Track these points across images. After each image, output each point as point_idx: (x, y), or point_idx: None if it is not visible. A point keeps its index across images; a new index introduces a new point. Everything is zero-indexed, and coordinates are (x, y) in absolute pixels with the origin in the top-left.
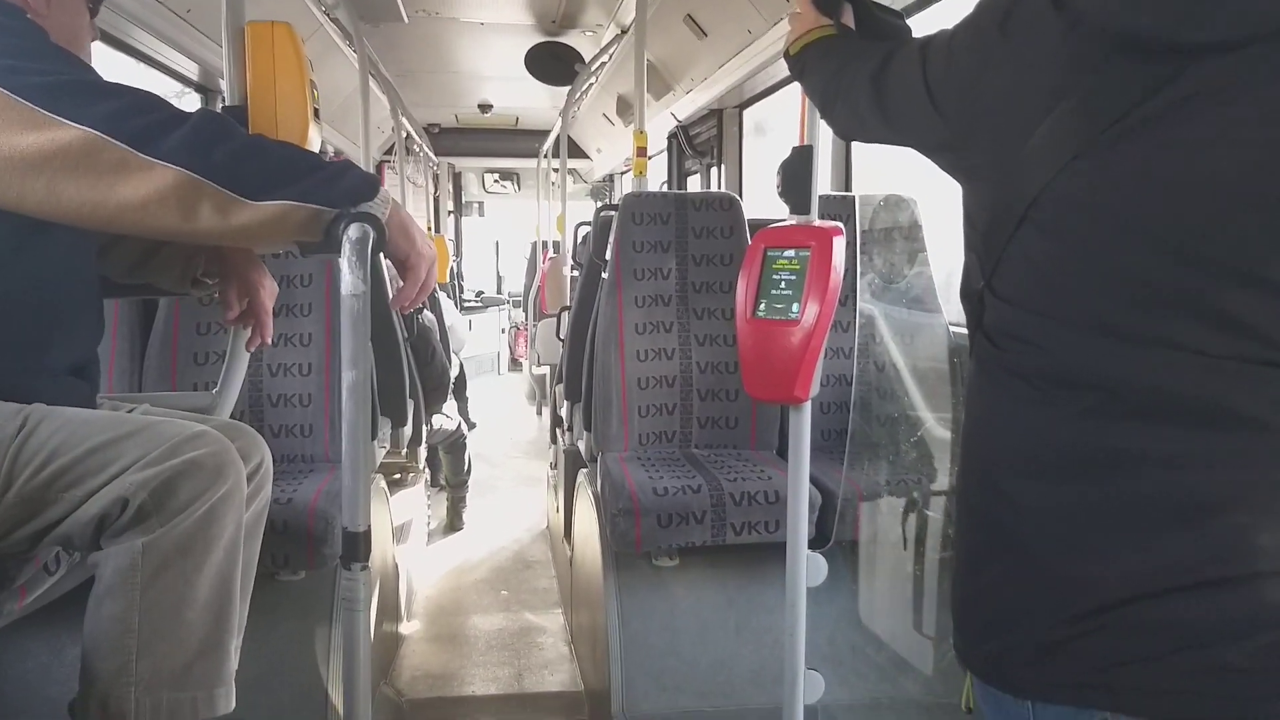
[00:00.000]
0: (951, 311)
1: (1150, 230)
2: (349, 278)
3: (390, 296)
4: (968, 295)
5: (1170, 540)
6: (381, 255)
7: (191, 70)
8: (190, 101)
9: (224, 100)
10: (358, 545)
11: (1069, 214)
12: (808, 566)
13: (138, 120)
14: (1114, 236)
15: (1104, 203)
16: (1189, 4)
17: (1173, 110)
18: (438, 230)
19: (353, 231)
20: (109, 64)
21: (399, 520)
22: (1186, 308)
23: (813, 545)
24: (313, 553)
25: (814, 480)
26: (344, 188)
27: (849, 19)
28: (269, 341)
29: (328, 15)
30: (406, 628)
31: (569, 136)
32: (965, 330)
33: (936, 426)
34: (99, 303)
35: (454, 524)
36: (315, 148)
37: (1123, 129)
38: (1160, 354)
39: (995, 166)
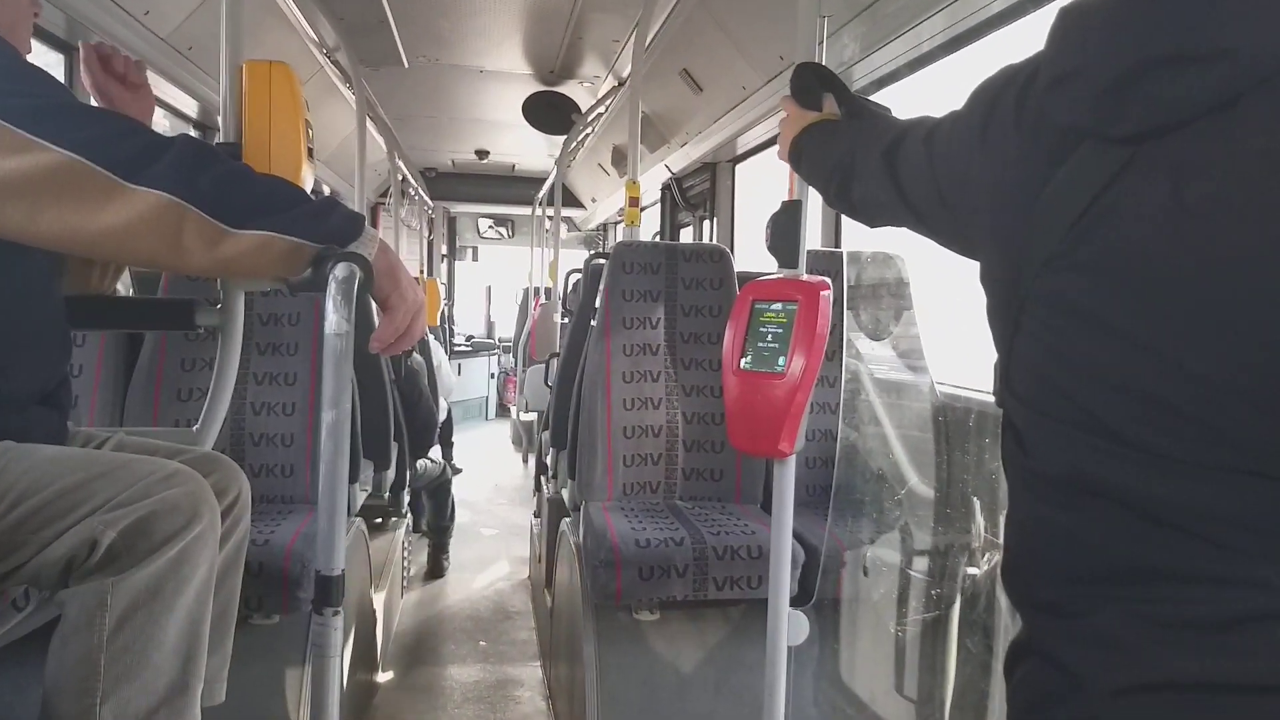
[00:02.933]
0: (937, 369)
1: (1114, 329)
2: (333, 317)
3: None
4: (995, 393)
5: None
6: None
7: (191, 107)
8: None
9: (220, 137)
10: (331, 589)
11: (1047, 315)
12: (789, 624)
13: (123, 145)
14: (1088, 337)
15: (1074, 303)
16: (1099, 99)
17: (1127, 197)
18: (431, 274)
19: (339, 270)
20: None
21: (378, 565)
22: (1167, 413)
23: (795, 602)
24: (287, 596)
25: (798, 536)
26: (330, 224)
27: (832, 106)
28: None
29: (328, 58)
30: (381, 676)
31: (564, 185)
32: (950, 388)
33: (921, 484)
34: (64, 324)
35: (434, 570)
36: (308, 187)
37: (1086, 224)
38: (1149, 461)
39: (997, 267)
